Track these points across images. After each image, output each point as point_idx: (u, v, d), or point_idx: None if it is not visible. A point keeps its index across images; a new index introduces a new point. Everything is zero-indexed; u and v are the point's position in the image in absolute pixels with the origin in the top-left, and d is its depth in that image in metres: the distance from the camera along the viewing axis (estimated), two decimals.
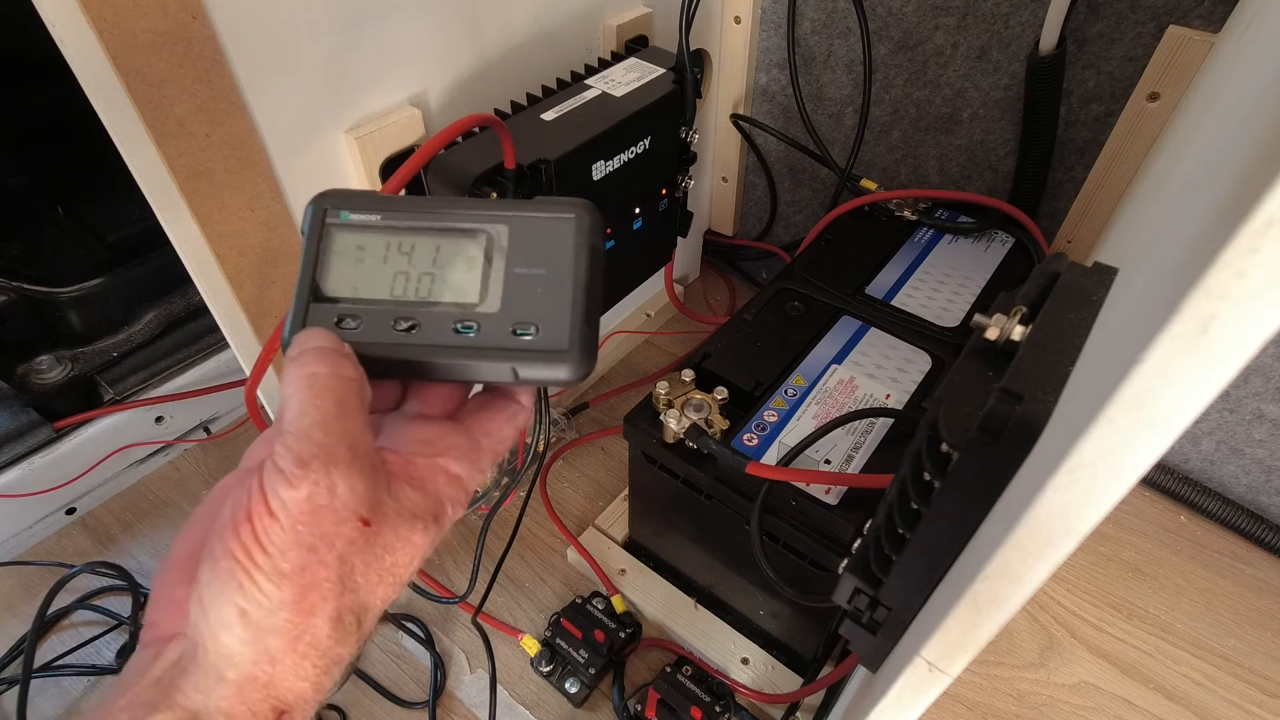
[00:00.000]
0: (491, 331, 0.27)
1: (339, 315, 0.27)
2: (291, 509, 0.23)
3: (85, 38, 0.37)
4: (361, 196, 0.28)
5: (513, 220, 0.28)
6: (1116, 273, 0.29)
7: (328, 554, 0.23)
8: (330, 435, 0.23)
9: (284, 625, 0.23)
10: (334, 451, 0.23)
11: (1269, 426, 0.70)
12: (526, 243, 0.27)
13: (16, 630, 0.69)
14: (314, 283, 0.27)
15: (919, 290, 0.66)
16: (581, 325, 0.27)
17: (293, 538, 0.23)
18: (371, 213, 0.27)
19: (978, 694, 0.64)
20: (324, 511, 0.23)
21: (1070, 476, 0.17)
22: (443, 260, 0.27)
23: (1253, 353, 0.13)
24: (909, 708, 0.28)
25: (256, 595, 0.22)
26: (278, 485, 0.23)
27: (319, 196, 0.28)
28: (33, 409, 0.74)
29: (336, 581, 0.23)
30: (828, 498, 0.50)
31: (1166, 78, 0.59)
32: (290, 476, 0.23)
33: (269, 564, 0.22)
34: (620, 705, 0.62)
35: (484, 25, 0.58)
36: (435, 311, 0.27)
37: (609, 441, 0.84)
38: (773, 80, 0.85)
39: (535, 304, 0.27)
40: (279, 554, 0.22)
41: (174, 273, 0.80)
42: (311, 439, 0.23)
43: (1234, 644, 0.67)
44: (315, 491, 0.23)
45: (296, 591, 0.23)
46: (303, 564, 0.23)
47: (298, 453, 0.23)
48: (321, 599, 0.23)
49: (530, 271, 0.27)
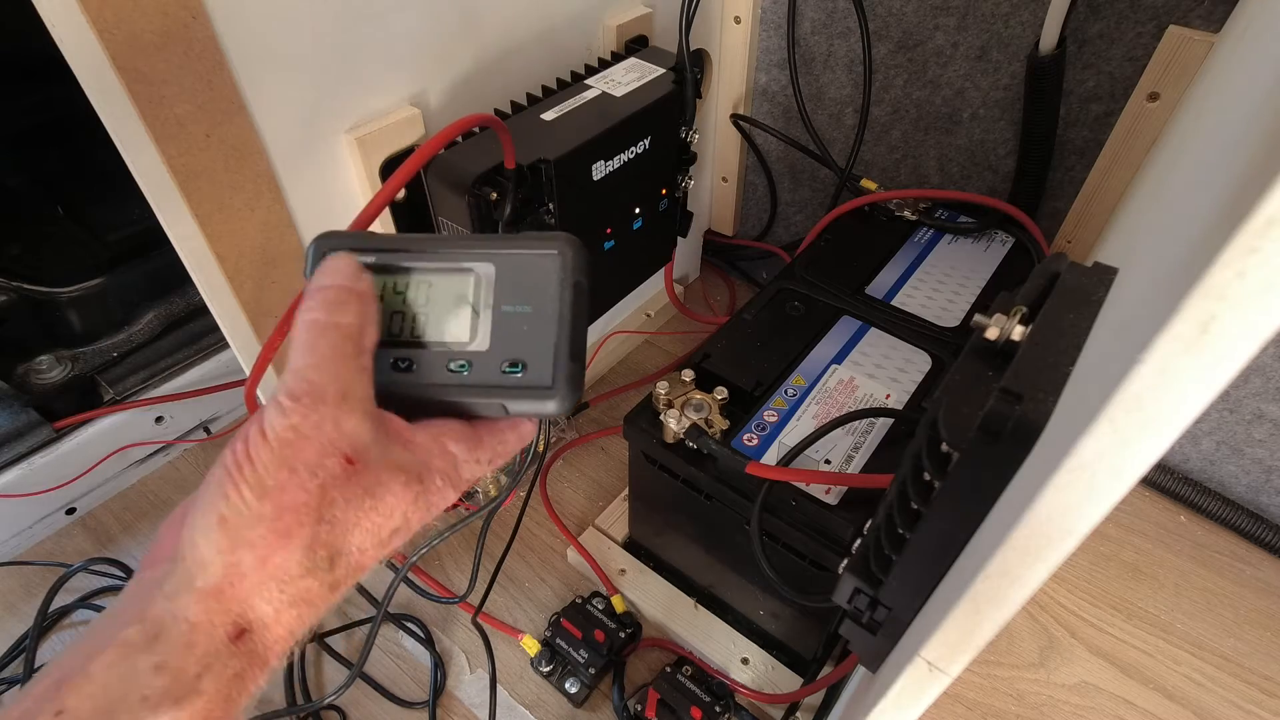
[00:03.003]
0: (482, 370, 0.28)
1: None
2: (280, 433, 0.24)
3: (85, 38, 0.37)
4: (358, 238, 0.29)
5: (499, 258, 0.29)
6: (1116, 273, 0.29)
7: (309, 480, 0.24)
8: (322, 376, 0.25)
9: (258, 540, 0.24)
10: (324, 391, 0.25)
11: (1269, 426, 0.70)
12: (513, 280, 0.28)
13: (16, 630, 0.69)
14: None
15: (919, 290, 0.66)
16: (567, 362, 0.28)
17: (278, 458, 0.24)
18: (368, 254, 0.29)
19: (978, 694, 0.64)
20: (309, 441, 0.25)
21: (1070, 476, 0.17)
22: (435, 300, 0.29)
23: (1253, 353, 0.13)
24: (909, 708, 0.28)
25: (238, 503, 0.24)
26: (271, 413, 0.25)
27: (320, 239, 0.29)
28: (33, 409, 0.74)
29: (314, 510, 0.24)
30: (828, 498, 0.50)
31: (1166, 78, 0.59)
32: (283, 407, 0.25)
33: (254, 477, 0.24)
34: (620, 705, 0.62)
35: (484, 25, 0.58)
36: (430, 351, 0.28)
37: (609, 441, 0.84)
38: (773, 80, 0.85)
39: (522, 342, 0.28)
40: (265, 470, 0.24)
41: (174, 273, 0.80)
42: (305, 378, 0.25)
43: (1234, 644, 0.67)
44: (302, 422, 0.24)
45: (275, 508, 0.24)
46: (284, 484, 0.24)
47: (291, 388, 0.25)
48: (298, 523, 0.24)
49: (517, 309, 0.28)
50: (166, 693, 0.22)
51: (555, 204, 0.55)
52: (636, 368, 0.93)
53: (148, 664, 0.22)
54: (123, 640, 0.22)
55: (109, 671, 0.22)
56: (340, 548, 0.25)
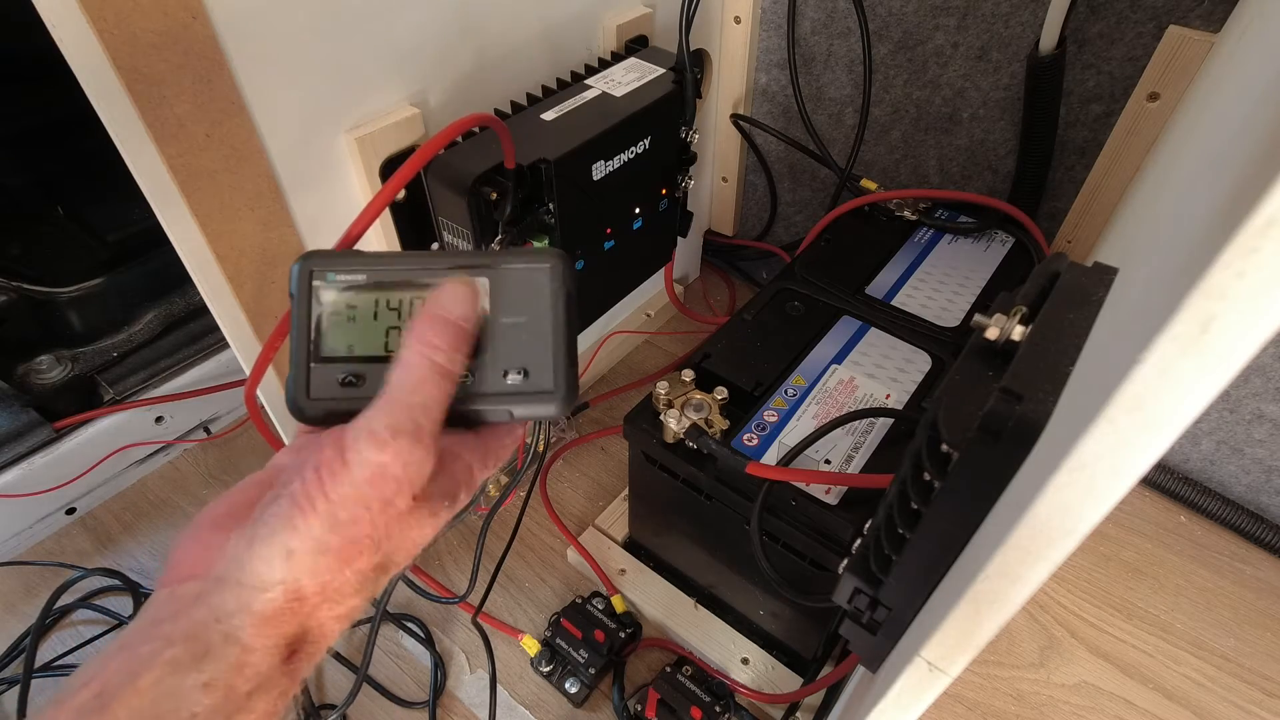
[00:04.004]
0: (485, 378, 0.29)
1: (342, 375, 0.29)
2: (367, 468, 0.25)
3: (85, 38, 0.37)
4: (345, 257, 0.30)
5: (492, 272, 0.30)
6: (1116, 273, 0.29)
7: (380, 517, 0.25)
8: (427, 419, 0.26)
9: (322, 568, 0.24)
10: (422, 434, 0.25)
11: (1269, 426, 0.70)
12: (507, 293, 0.30)
13: (16, 630, 0.69)
14: (311, 345, 0.29)
15: (919, 290, 0.66)
16: (565, 366, 0.30)
17: (355, 493, 0.24)
18: (357, 272, 0.29)
19: (978, 694, 0.64)
20: (390, 480, 0.25)
21: (1070, 476, 0.17)
22: None
23: (1253, 353, 0.13)
24: (909, 708, 0.28)
25: (306, 534, 0.24)
26: (363, 443, 0.25)
27: (304, 258, 0.29)
28: (33, 409, 0.74)
29: (374, 541, 0.25)
30: (828, 498, 0.50)
31: (1166, 78, 0.59)
32: (379, 439, 0.25)
33: (327, 510, 0.24)
34: (620, 705, 0.62)
35: (484, 25, 0.58)
36: None
37: (609, 441, 0.84)
38: (773, 80, 0.85)
39: (521, 350, 0.29)
40: (339, 504, 0.24)
41: (174, 273, 0.80)
42: (412, 416, 0.25)
43: (1234, 644, 0.67)
44: (394, 461, 0.25)
45: (342, 542, 0.24)
46: (356, 519, 0.25)
47: (395, 421, 0.25)
48: (359, 553, 0.25)
49: (514, 320, 0.30)
50: (216, 710, 0.23)
51: (555, 204, 0.55)
52: (636, 368, 0.93)
53: (196, 682, 0.22)
54: (170, 659, 0.22)
55: (157, 687, 0.22)
56: (388, 566, 0.27)
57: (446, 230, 0.56)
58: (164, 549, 0.76)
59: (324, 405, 0.29)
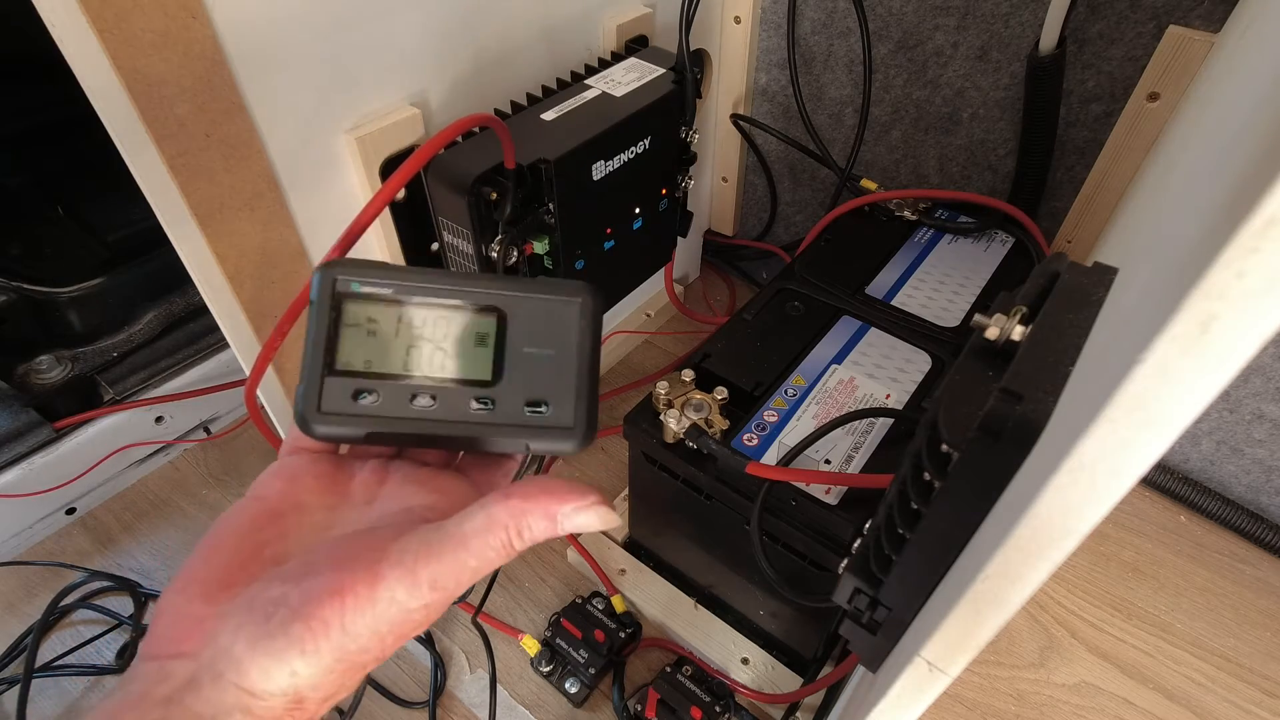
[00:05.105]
0: (506, 408, 0.28)
1: (355, 390, 0.28)
2: (393, 612, 0.24)
3: (85, 38, 0.37)
4: (371, 267, 0.28)
5: (521, 300, 0.29)
6: (1116, 273, 0.29)
7: (390, 644, 0.24)
8: (474, 579, 0.25)
9: (327, 684, 0.24)
10: (458, 592, 0.25)
11: (1269, 426, 0.70)
12: (534, 323, 0.29)
13: (16, 630, 0.69)
14: (327, 356, 0.27)
15: (919, 290, 0.66)
16: (587, 403, 0.29)
17: (373, 627, 0.24)
18: (382, 285, 0.28)
19: (978, 694, 0.64)
20: (412, 623, 0.24)
21: (1070, 476, 0.17)
22: (455, 337, 0.29)
23: (1253, 353, 0.13)
24: (909, 708, 0.28)
25: (314, 663, 0.23)
26: (398, 585, 0.24)
27: (327, 265, 0.28)
28: (33, 409, 0.74)
29: (380, 656, 0.25)
30: (828, 498, 0.50)
31: (1166, 78, 0.59)
32: (417, 588, 0.24)
33: (340, 642, 0.23)
34: (620, 705, 0.62)
35: (484, 25, 0.58)
36: (451, 388, 0.28)
37: (609, 441, 0.84)
38: (773, 80, 0.85)
39: (544, 383, 0.29)
40: (353, 637, 0.23)
41: (174, 273, 0.80)
42: (460, 578, 0.24)
43: (1234, 644, 0.67)
44: (422, 612, 0.24)
45: (349, 666, 0.24)
46: (367, 647, 0.24)
47: (441, 576, 0.24)
48: (363, 668, 0.25)
49: (539, 351, 0.29)
50: None
51: (555, 204, 0.55)
52: (636, 368, 0.93)
53: None
54: None
55: None
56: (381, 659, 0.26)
57: (446, 230, 0.56)
58: (164, 549, 0.76)
59: (333, 420, 0.27)
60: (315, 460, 0.29)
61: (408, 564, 0.24)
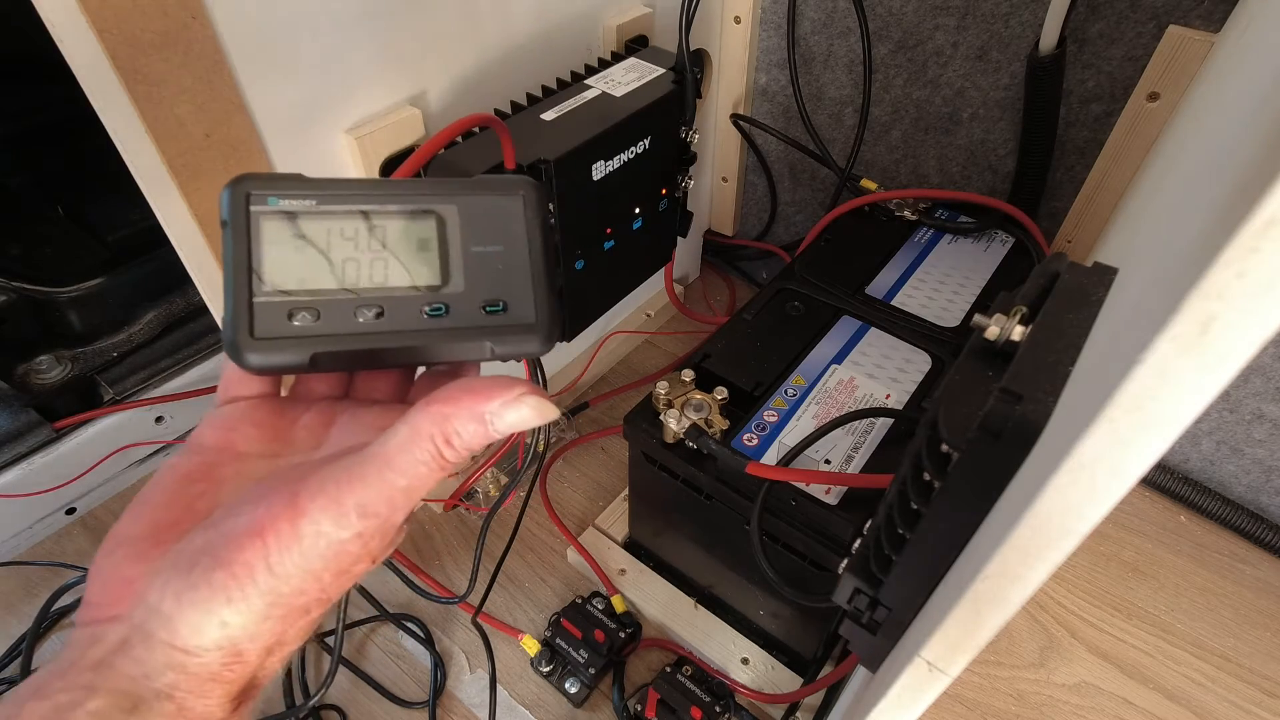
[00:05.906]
0: (462, 312, 0.27)
1: (289, 309, 0.25)
2: (321, 545, 0.22)
3: (85, 38, 0.37)
4: (287, 180, 0.26)
5: (460, 201, 0.27)
6: (1116, 273, 0.29)
7: (330, 583, 0.23)
8: (410, 501, 0.23)
9: (264, 632, 0.22)
10: (398, 517, 0.22)
11: (1269, 426, 0.70)
12: (478, 222, 0.27)
13: (16, 630, 0.69)
14: (251, 277, 0.25)
15: (919, 290, 0.66)
16: (547, 297, 0.27)
17: (304, 567, 0.22)
18: (303, 198, 0.26)
19: (978, 694, 0.64)
20: (348, 556, 0.22)
21: (1070, 476, 0.17)
22: (394, 244, 0.27)
23: (1253, 353, 0.13)
24: (909, 708, 0.28)
25: (244, 610, 0.21)
26: (322, 516, 0.22)
27: (237, 181, 0.25)
28: (33, 409, 0.74)
29: (323, 602, 0.23)
30: (828, 498, 0.50)
31: (1166, 78, 0.59)
32: (343, 517, 0.22)
33: (269, 585, 0.21)
34: (620, 705, 0.62)
35: (484, 25, 0.58)
36: (399, 296, 0.26)
37: (609, 441, 0.84)
38: (773, 80, 0.85)
39: (499, 282, 0.27)
40: (284, 579, 0.21)
41: (174, 273, 0.80)
42: (391, 500, 0.22)
43: (1234, 644, 0.67)
44: (356, 542, 0.22)
45: (286, 610, 0.22)
46: (303, 590, 0.22)
47: (368, 501, 0.22)
48: (305, 613, 0.23)
49: (487, 249, 0.27)
50: None
51: (555, 204, 0.55)
52: (636, 368, 0.93)
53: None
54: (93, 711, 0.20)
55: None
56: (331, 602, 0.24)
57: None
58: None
59: (270, 346, 0.24)
60: (254, 407, 0.27)
61: (330, 492, 0.22)
